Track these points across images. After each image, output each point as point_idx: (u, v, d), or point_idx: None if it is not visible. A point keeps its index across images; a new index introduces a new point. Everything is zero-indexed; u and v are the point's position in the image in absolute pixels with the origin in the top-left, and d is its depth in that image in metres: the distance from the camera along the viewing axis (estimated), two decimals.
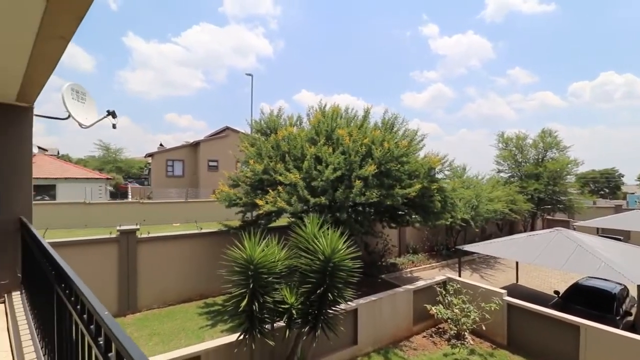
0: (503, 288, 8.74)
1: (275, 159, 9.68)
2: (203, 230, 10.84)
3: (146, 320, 9.00)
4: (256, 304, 5.45)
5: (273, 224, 10.15)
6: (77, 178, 24.61)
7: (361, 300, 7.74)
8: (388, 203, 8.64)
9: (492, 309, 7.90)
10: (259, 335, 5.62)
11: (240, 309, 5.37)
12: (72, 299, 1.89)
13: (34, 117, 4.68)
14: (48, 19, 2.10)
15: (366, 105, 10.81)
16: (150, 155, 31.47)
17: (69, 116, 4.64)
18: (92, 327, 1.51)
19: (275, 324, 6.03)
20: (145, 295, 9.63)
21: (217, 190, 10.24)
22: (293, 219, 10.13)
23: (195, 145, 30.04)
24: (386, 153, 8.71)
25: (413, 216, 10.53)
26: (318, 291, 5.67)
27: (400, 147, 9.06)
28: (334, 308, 6.05)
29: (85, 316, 1.61)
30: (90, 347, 1.51)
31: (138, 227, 9.67)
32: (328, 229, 6.36)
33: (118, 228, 9.28)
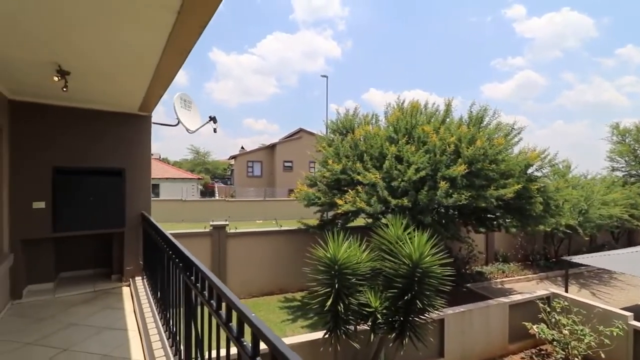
0: (625, 309, 7.24)
1: (353, 159, 9.59)
2: (283, 228, 11.32)
3: None
4: (341, 304, 5.41)
5: (350, 224, 10.09)
6: (175, 178, 28.12)
7: (449, 310, 7.17)
8: (481, 205, 7.85)
9: (615, 334, 6.58)
10: (343, 337, 5.57)
11: (326, 308, 5.39)
12: (198, 284, 2.01)
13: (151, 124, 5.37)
14: (174, 34, 2.29)
15: (447, 99, 9.99)
16: (233, 157, 34.36)
17: (178, 122, 5.20)
18: (213, 301, 1.61)
19: (358, 327, 5.92)
20: (232, 286, 10.44)
21: (296, 190, 10.57)
22: (370, 220, 9.93)
23: (272, 147, 31.83)
24: (477, 152, 7.91)
25: (507, 220, 9.40)
26: (405, 297, 5.39)
27: (495, 144, 8.14)
28: (422, 317, 5.69)
29: (206, 292, 1.72)
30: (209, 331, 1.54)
31: (227, 223, 10.52)
32: (415, 230, 6.03)
33: (211, 223, 10.22)
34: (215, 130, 5.52)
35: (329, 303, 5.41)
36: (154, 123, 5.34)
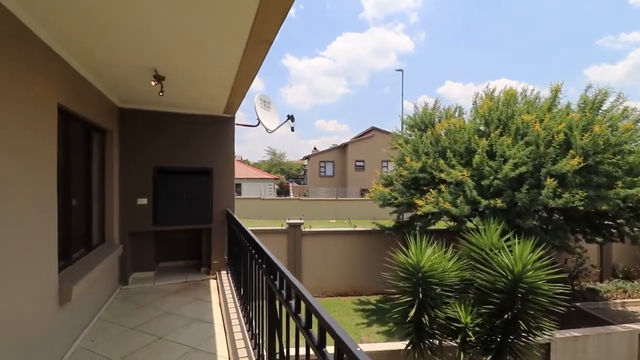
0: None
1: (434, 155, 8.81)
2: (357, 228, 11.03)
3: None
4: (425, 316, 4.89)
5: (430, 227, 9.30)
6: (254, 178, 30.08)
7: (557, 334, 6.00)
8: (601, 208, 6.43)
9: None
10: (428, 352, 5.04)
11: (408, 318, 4.93)
12: (276, 282, 1.92)
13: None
14: (258, 21, 2.17)
15: (555, 84, 8.44)
16: (307, 158, 35.36)
17: (259, 122, 5.29)
18: (291, 301, 1.59)
19: (444, 342, 5.31)
20: (307, 283, 10.53)
21: (371, 189, 10.18)
22: (454, 223, 9.00)
23: (344, 147, 31.82)
24: (596, 140, 6.47)
25: (635, 229, 7.57)
26: (505, 316, 4.62)
27: (620, 130, 6.59)
28: (525, 339, 4.83)
29: (292, 302, 1.63)
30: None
31: (302, 221, 10.65)
32: (515, 237, 5.19)
33: (287, 221, 10.47)
34: (292, 129, 5.52)
35: (412, 313, 4.94)
36: (237, 124, 5.55)
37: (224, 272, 5.22)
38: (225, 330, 3.44)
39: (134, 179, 4.92)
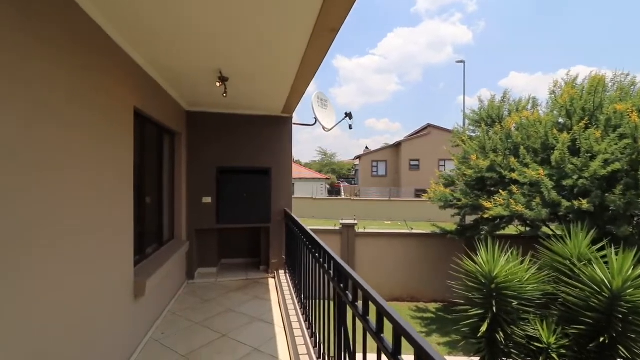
0: None
1: (504, 153, 7.99)
2: (414, 231, 10.49)
3: None
4: (501, 333, 4.37)
5: (499, 232, 8.46)
6: (306, 178, 30.52)
7: None
8: None
9: None
10: None
11: (480, 334, 4.46)
12: (337, 279, 1.76)
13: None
14: (326, 5, 2.02)
15: None
16: (358, 157, 34.94)
17: (316, 121, 5.21)
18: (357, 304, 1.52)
19: None
20: None
21: (430, 190, 9.59)
22: (527, 228, 8.08)
23: (397, 145, 30.80)
24: None
25: None
26: (601, 339, 3.94)
27: None
28: None
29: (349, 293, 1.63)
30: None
31: (356, 222, 10.43)
32: (611, 247, 4.44)
33: (341, 221, 10.33)
34: (350, 127, 5.37)
35: (483, 328, 4.46)
36: (294, 124, 5.53)
37: (282, 272, 5.23)
38: (286, 332, 3.38)
39: (199, 178, 5.15)
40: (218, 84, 3.49)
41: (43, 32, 1.74)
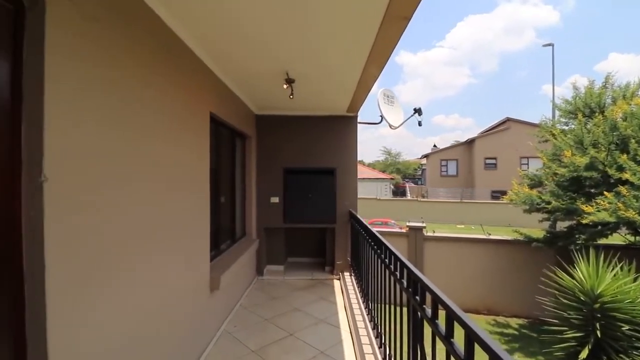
0: None
1: (608, 148, 6.75)
2: (492, 237, 9.50)
3: None
4: None
5: (600, 241, 7.17)
6: (369, 178, 30.03)
7: None
8: None
9: None
10: None
11: None
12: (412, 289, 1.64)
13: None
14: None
15: None
16: (425, 156, 33.23)
17: (382, 119, 5.00)
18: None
19: None
20: None
21: (512, 191, 8.58)
22: (637, 237, 6.71)
23: (470, 143, 28.48)
24: None
25: None
26: None
27: None
28: None
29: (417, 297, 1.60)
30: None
31: (424, 224, 9.85)
32: None
33: (407, 224, 9.85)
34: (420, 123, 5.03)
35: (583, 355, 3.78)
36: (359, 123, 5.40)
37: (347, 274, 5.14)
38: (352, 338, 3.28)
39: (267, 179, 5.35)
40: (285, 86, 3.55)
41: (140, 54, 1.94)
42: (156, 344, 2.17)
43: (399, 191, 37.20)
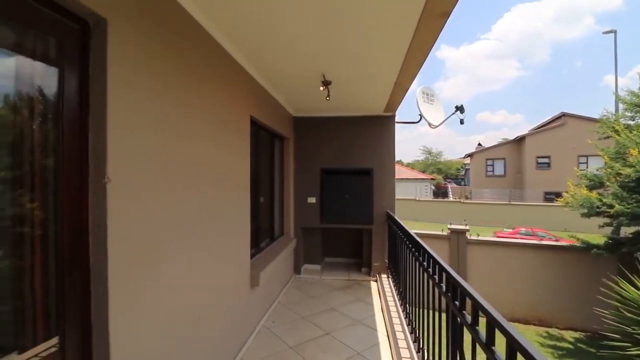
0: None
1: None
2: (544, 242, 8.81)
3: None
4: None
5: None
6: (409, 179, 29.25)
7: None
8: None
9: None
10: None
11: None
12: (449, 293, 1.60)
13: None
14: None
15: None
16: (469, 155, 31.62)
17: (421, 118, 4.87)
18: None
19: None
20: None
21: (568, 192, 7.90)
22: None
23: (519, 140, 26.61)
24: None
25: None
26: None
27: None
28: None
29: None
30: None
31: (467, 227, 9.39)
32: None
33: (449, 226, 9.46)
34: (462, 121, 4.82)
35: None
36: (397, 122, 5.30)
37: (384, 276, 5.07)
38: (390, 342, 3.23)
39: (305, 179, 5.45)
40: (322, 88, 3.59)
41: (187, 64, 2.10)
42: (202, 332, 2.31)
43: (440, 192, 35.85)
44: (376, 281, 5.13)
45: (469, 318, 1.51)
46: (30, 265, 1.27)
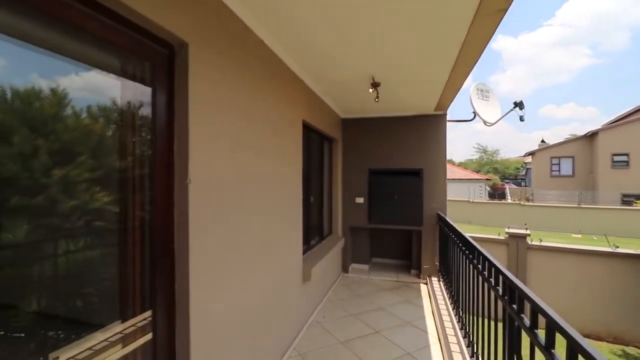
0: None
1: None
2: (620, 250, 7.88)
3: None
4: None
5: None
6: (461, 179, 27.76)
7: None
8: None
9: None
10: None
11: None
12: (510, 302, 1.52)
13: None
14: None
15: None
16: (531, 153, 29.13)
17: (475, 116, 4.69)
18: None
19: None
20: None
21: None
22: None
23: (591, 136, 23.86)
24: None
25: None
26: None
27: None
28: None
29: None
30: None
31: (528, 232, 8.72)
32: None
33: (507, 230, 8.87)
34: (522, 118, 4.53)
35: None
36: (449, 121, 5.15)
37: (434, 279, 4.96)
38: (441, 345, 3.19)
39: (353, 179, 5.53)
40: (371, 90, 3.65)
41: (251, 76, 2.32)
42: (264, 318, 2.54)
43: (496, 193, 33.50)
44: (426, 284, 5.04)
45: (527, 321, 1.49)
46: (132, 252, 1.54)
